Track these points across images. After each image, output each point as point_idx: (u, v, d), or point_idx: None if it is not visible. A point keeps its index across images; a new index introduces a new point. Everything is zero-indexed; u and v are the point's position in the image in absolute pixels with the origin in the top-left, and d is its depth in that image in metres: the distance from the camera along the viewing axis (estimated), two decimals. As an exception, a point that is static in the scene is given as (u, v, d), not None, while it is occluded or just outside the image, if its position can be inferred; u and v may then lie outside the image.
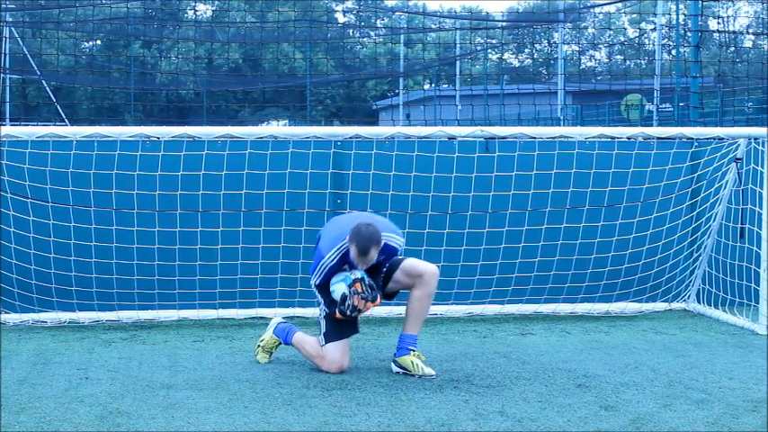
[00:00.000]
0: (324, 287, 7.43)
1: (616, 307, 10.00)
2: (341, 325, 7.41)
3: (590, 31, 66.22)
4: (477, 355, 8.13)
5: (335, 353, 7.40)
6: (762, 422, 6.18)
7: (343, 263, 7.35)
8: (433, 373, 7.33)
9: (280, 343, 7.80)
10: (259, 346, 7.85)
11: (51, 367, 7.57)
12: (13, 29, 33.05)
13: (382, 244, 7.19)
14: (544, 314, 9.90)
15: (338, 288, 7.28)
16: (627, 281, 10.07)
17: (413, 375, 7.31)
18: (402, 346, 7.45)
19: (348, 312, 7.23)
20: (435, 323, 9.43)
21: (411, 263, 7.50)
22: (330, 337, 7.44)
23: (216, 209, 9.53)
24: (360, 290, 7.20)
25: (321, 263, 7.38)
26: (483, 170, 9.80)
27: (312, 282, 7.52)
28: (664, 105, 30.70)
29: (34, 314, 9.20)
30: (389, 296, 7.64)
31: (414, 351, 7.43)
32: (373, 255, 7.16)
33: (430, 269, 7.44)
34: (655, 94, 27.95)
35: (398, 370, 7.42)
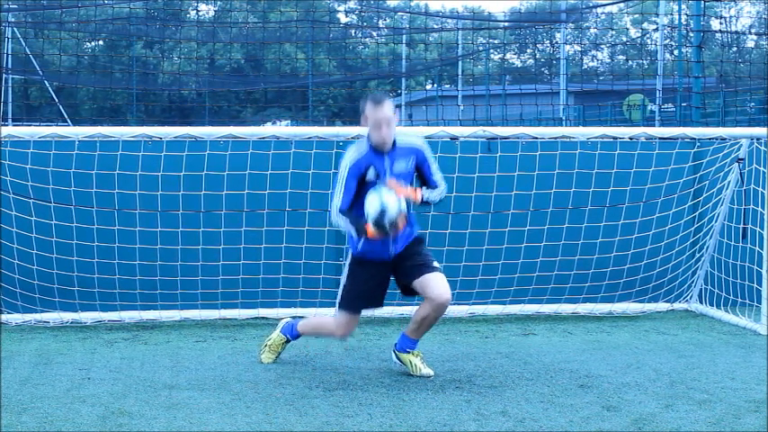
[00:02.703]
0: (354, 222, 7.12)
1: (618, 307, 10.00)
2: (357, 296, 7.30)
3: (592, 31, 66.22)
4: (479, 355, 8.13)
5: (344, 320, 7.34)
6: (764, 422, 6.18)
7: (364, 164, 7.17)
8: (432, 373, 7.32)
9: (287, 341, 7.79)
10: (266, 345, 7.83)
11: (53, 367, 7.58)
12: (15, 29, 33.04)
13: (395, 107, 7.11)
14: (546, 314, 9.90)
15: (372, 199, 7.01)
16: (629, 281, 10.07)
17: (411, 374, 7.31)
18: (402, 347, 7.43)
19: (386, 224, 6.96)
20: (437, 323, 9.40)
21: (431, 280, 7.16)
22: (344, 305, 7.34)
23: (218, 209, 9.53)
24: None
25: (339, 176, 7.23)
26: (485, 170, 9.80)
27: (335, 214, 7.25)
28: (666, 106, 30.65)
29: (36, 314, 9.21)
30: (408, 292, 7.43)
31: (412, 351, 7.41)
32: (389, 109, 7.04)
33: (439, 299, 7.12)
34: (657, 95, 27.89)
35: (397, 362, 7.45)
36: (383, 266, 7.32)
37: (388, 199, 6.98)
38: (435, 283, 7.16)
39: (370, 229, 6.99)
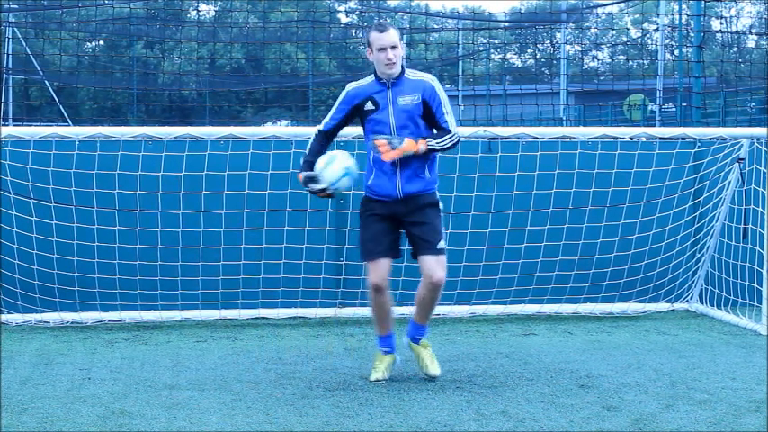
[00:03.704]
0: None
1: (619, 307, 10.00)
2: (370, 240, 7.08)
3: (592, 31, 66.22)
4: (479, 355, 8.13)
5: (370, 270, 7.08)
6: (764, 422, 6.18)
7: (363, 94, 7.08)
8: (438, 373, 7.25)
9: (387, 352, 7.35)
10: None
11: (54, 367, 7.58)
12: (15, 29, 33.05)
13: (400, 34, 6.99)
14: (547, 314, 9.90)
15: (323, 158, 6.99)
16: (629, 281, 10.07)
17: (423, 372, 7.25)
18: (412, 334, 7.31)
19: (309, 189, 6.98)
20: (438, 323, 9.42)
21: (427, 260, 7.02)
22: (363, 255, 7.16)
23: (218, 209, 9.53)
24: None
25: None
26: (485, 170, 9.80)
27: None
28: (666, 106, 30.66)
29: (37, 314, 9.21)
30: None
31: (423, 341, 7.30)
32: (394, 35, 6.90)
33: (429, 278, 7.02)
34: (657, 95, 27.93)
35: (407, 348, 7.33)
36: (390, 206, 7.06)
37: (331, 169, 6.92)
38: (430, 265, 7.00)
39: (300, 176, 7.02)
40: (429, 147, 6.99)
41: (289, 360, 7.87)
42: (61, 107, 33.47)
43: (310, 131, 9.31)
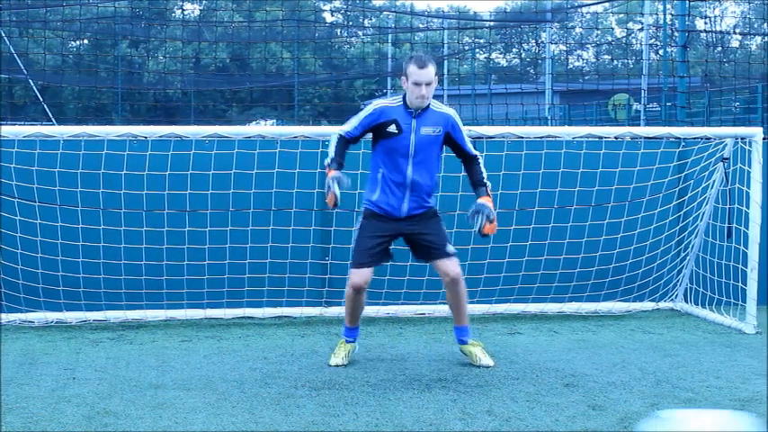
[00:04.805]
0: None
1: (604, 306, 10.02)
2: (362, 250, 7.49)
3: (577, 30, 66.32)
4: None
5: (353, 275, 7.51)
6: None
7: (389, 114, 7.39)
8: (491, 363, 7.63)
9: (348, 341, 7.87)
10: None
11: (38, 367, 7.55)
12: (-1, 28, 32.93)
13: (436, 71, 7.28)
14: (532, 313, 9.91)
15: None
16: (614, 280, 10.09)
17: (476, 366, 7.59)
18: (459, 338, 7.81)
19: (328, 191, 7.19)
20: (423, 322, 9.44)
21: (440, 264, 7.56)
22: (353, 259, 7.53)
23: (203, 208, 9.51)
24: None
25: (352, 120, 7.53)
26: (471, 170, 9.79)
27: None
28: (651, 105, 30.75)
29: (21, 314, 9.17)
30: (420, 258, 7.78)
31: (470, 341, 7.76)
32: (431, 72, 7.21)
33: (446, 277, 7.56)
34: (642, 94, 27.99)
35: (463, 356, 7.78)
36: (391, 224, 7.51)
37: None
38: (444, 265, 7.54)
39: (332, 172, 7.21)
40: (491, 193, 7.67)
41: (274, 359, 7.87)
42: (45, 106, 33.35)
43: (296, 131, 9.40)
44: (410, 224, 7.52)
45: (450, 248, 7.58)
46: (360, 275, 7.48)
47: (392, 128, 7.36)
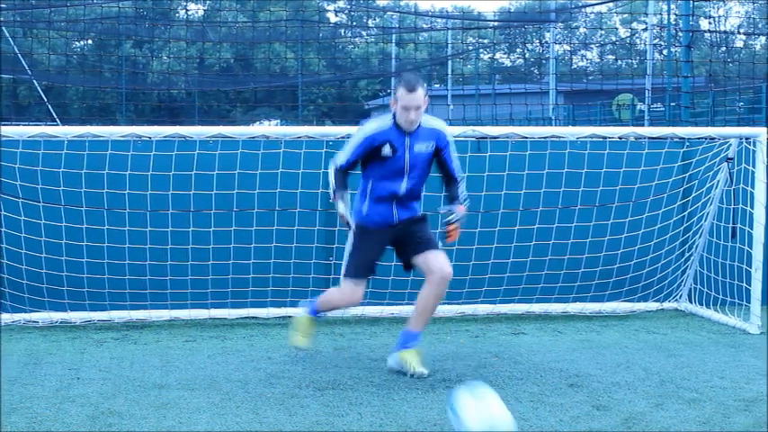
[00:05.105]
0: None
1: (608, 306, 10.01)
2: (362, 264, 7.46)
3: (581, 30, 66.32)
4: (469, 354, 8.13)
5: (349, 289, 7.48)
6: (753, 422, 6.20)
7: (381, 138, 7.34)
8: (425, 372, 7.31)
9: (313, 318, 7.88)
10: (296, 330, 7.92)
11: (43, 367, 7.56)
12: (3, 28, 32.96)
13: (428, 96, 7.27)
14: (536, 314, 9.91)
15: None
16: (619, 280, 10.09)
17: (404, 374, 7.30)
18: (399, 342, 7.48)
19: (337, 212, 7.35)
20: (427, 323, 9.42)
21: (432, 256, 7.39)
22: (349, 273, 7.47)
23: (208, 208, 9.51)
24: None
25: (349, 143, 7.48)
26: (475, 170, 9.78)
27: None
28: (655, 105, 30.74)
29: (26, 314, 9.18)
30: (409, 267, 7.64)
31: (409, 349, 7.40)
32: (420, 96, 7.16)
33: (440, 272, 7.32)
34: (646, 94, 27.99)
35: (392, 365, 7.43)
36: (386, 233, 7.47)
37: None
38: (436, 259, 7.37)
39: (341, 205, 7.27)
40: (466, 207, 7.71)
41: (278, 359, 7.87)
42: (50, 106, 33.41)
43: (299, 131, 9.41)
44: (404, 226, 7.46)
45: (441, 246, 7.51)
46: (360, 292, 7.45)
47: (386, 149, 7.29)
